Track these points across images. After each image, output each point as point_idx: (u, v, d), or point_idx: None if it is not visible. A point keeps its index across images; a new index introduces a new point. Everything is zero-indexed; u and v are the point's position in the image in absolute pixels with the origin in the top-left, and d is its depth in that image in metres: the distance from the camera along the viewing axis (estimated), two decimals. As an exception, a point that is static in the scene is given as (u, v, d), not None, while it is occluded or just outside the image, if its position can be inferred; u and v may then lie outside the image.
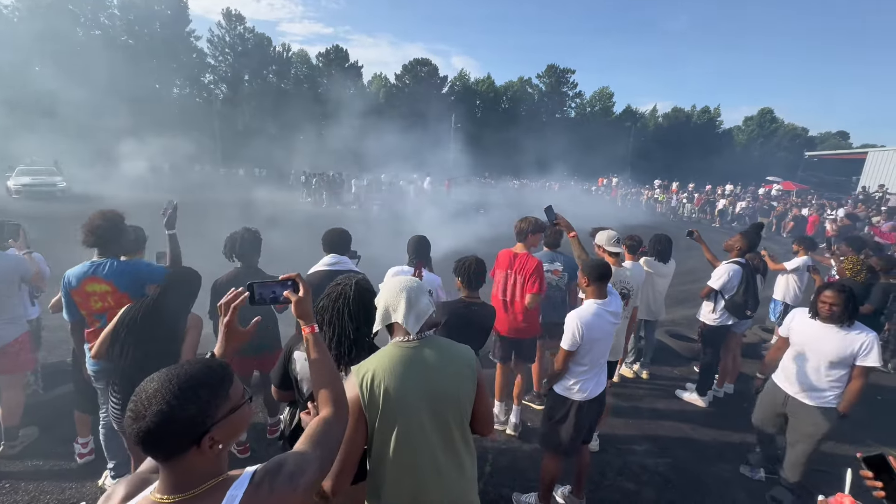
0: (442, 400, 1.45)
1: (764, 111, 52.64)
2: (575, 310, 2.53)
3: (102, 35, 34.21)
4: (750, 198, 22.09)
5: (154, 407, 0.84)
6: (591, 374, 2.53)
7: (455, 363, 1.50)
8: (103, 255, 2.52)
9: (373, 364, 1.43)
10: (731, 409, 4.15)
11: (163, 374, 0.90)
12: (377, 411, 1.38)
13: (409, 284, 1.50)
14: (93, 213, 2.54)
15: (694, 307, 5.03)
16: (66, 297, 2.49)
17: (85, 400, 2.84)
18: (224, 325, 1.25)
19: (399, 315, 1.45)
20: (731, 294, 3.89)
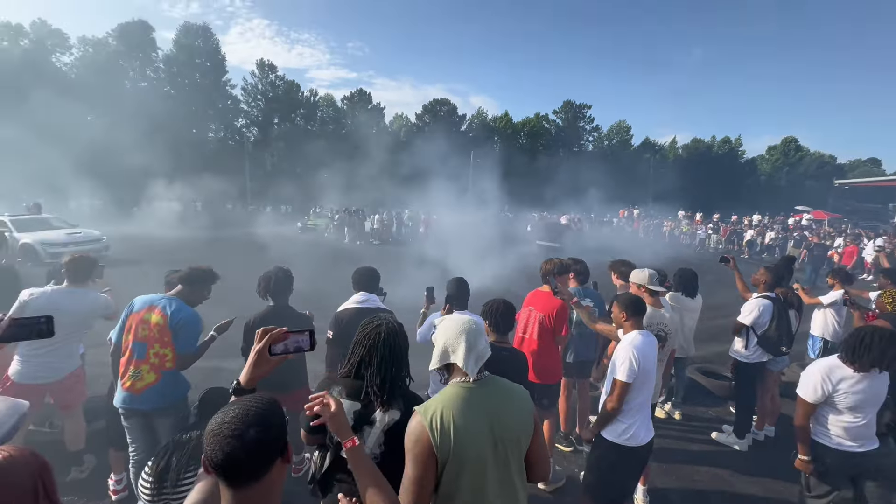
0: (504, 439, 1.47)
1: (788, 140, 51.96)
2: (625, 340, 2.42)
3: (148, 86, 37.21)
4: (779, 228, 21.47)
5: (253, 419, 0.97)
6: (641, 415, 2.40)
7: (515, 403, 1.54)
8: (178, 296, 2.70)
9: (439, 404, 1.45)
10: (773, 454, 3.91)
11: (237, 403, 1.02)
12: (448, 451, 1.39)
13: (468, 326, 1.51)
14: (190, 266, 2.82)
15: (725, 343, 4.86)
16: (124, 319, 2.66)
17: (117, 435, 2.90)
18: (255, 352, 1.32)
19: (459, 357, 1.47)
20: (762, 330, 3.77)
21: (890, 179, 30.34)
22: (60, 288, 3.07)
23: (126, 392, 2.60)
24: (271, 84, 43.75)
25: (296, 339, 1.36)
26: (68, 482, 3.14)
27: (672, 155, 52.31)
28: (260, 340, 1.33)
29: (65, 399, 3.12)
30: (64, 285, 3.08)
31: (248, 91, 43.34)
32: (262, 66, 43.40)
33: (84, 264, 3.12)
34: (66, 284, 3.08)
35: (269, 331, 1.34)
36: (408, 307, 3.71)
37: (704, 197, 29.73)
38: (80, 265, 3.09)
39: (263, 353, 1.32)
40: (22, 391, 2.92)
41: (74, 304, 3.00)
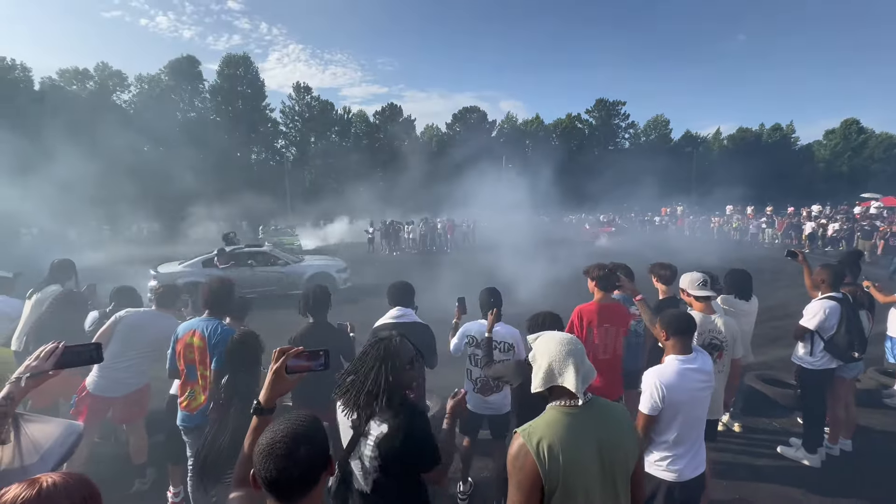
0: (613, 463, 1.40)
1: (848, 122, 47.97)
2: (654, 367, 2.26)
3: (196, 116, 40.00)
4: (843, 218, 19.74)
5: (303, 437, 1.03)
6: (681, 449, 2.17)
7: (621, 424, 1.47)
8: (212, 316, 2.87)
9: (544, 430, 1.38)
10: (850, 471, 3.54)
11: (284, 422, 1.07)
12: (557, 481, 1.33)
13: (574, 346, 1.46)
14: (212, 278, 3.00)
15: (788, 347, 4.49)
16: (173, 345, 2.85)
17: (175, 451, 3.08)
18: (272, 372, 1.35)
19: (569, 379, 1.40)
20: (830, 334, 3.44)
21: (974, 158, 27.19)
22: (149, 310, 3.41)
23: (184, 412, 2.81)
24: (307, 105, 45.82)
25: (311, 359, 1.41)
26: (132, 493, 3.34)
27: (717, 147, 49.66)
28: (276, 360, 1.37)
29: (127, 413, 3.32)
30: (153, 308, 3.42)
31: (287, 113, 45.66)
32: (299, 88, 45.58)
33: (172, 291, 3.49)
34: (154, 308, 3.41)
35: (285, 350, 1.38)
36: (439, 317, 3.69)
37: (756, 189, 27.92)
38: (168, 292, 3.45)
39: (280, 373, 1.36)
40: (95, 402, 3.21)
41: (157, 325, 3.25)
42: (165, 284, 3.56)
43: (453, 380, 4.81)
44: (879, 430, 4.14)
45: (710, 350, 2.91)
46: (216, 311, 2.89)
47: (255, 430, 1.35)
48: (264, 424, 1.33)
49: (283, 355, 1.37)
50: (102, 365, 3.14)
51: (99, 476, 3.40)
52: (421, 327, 2.97)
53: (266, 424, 1.32)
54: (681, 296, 3.23)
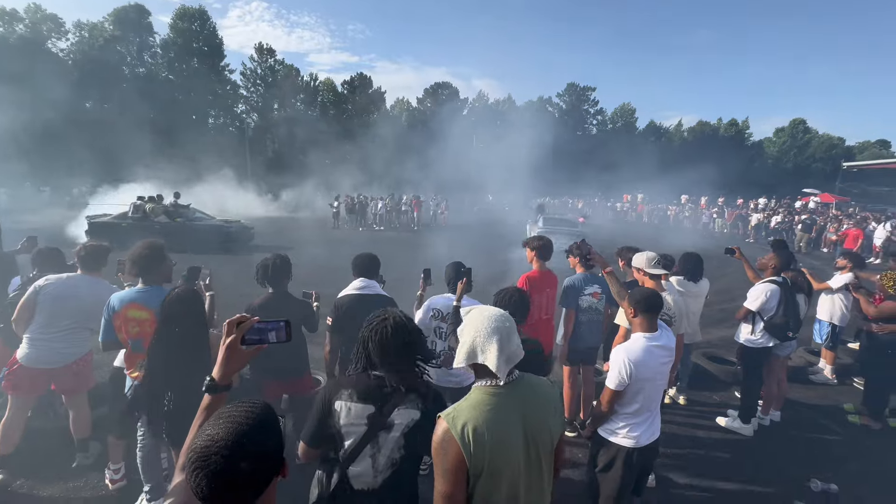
0: (536, 443, 1.40)
1: (796, 121, 50.95)
2: (622, 344, 2.33)
3: (146, 72, 36.78)
4: (785, 211, 21.19)
5: (245, 450, 0.84)
6: (642, 417, 2.27)
7: (546, 401, 1.46)
8: (147, 283, 2.66)
9: (469, 412, 1.34)
10: (779, 438, 3.89)
11: (228, 422, 0.88)
12: (483, 465, 1.30)
13: (500, 323, 1.39)
14: (138, 243, 2.68)
15: (731, 328, 4.82)
16: (108, 319, 2.60)
17: (119, 423, 2.91)
18: (225, 346, 1.21)
19: (490, 359, 1.35)
20: (770, 315, 3.70)
21: (899, 161, 29.79)
22: (75, 274, 3.09)
23: (136, 382, 2.61)
24: (270, 68, 43.12)
25: (269, 329, 1.26)
26: (74, 469, 3.14)
27: (678, 138, 51.52)
28: (229, 333, 1.22)
29: (70, 384, 3.09)
30: (78, 272, 3.10)
31: (248, 76, 42.78)
32: (261, 50, 42.72)
33: (98, 252, 3.12)
34: (79, 272, 3.09)
35: (239, 321, 1.23)
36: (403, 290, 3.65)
37: (711, 180, 29.37)
38: (93, 252, 3.10)
39: (235, 346, 1.21)
40: (28, 374, 2.96)
41: (90, 291, 2.98)
42: (91, 244, 3.16)
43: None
44: (804, 402, 4.56)
45: None
46: (150, 278, 2.67)
47: (207, 409, 1.21)
48: (218, 404, 1.20)
49: (238, 326, 1.23)
50: (32, 335, 2.94)
51: (37, 452, 3.17)
52: (385, 300, 2.91)
53: (220, 404, 1.19)
54: (634, 274, 3.35)
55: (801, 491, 3.15)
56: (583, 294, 3.55)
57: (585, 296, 3.55)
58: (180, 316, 2.27)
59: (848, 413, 4.29)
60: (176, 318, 2.27)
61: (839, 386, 4.94)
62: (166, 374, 2.25)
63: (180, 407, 2.17)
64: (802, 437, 3.94)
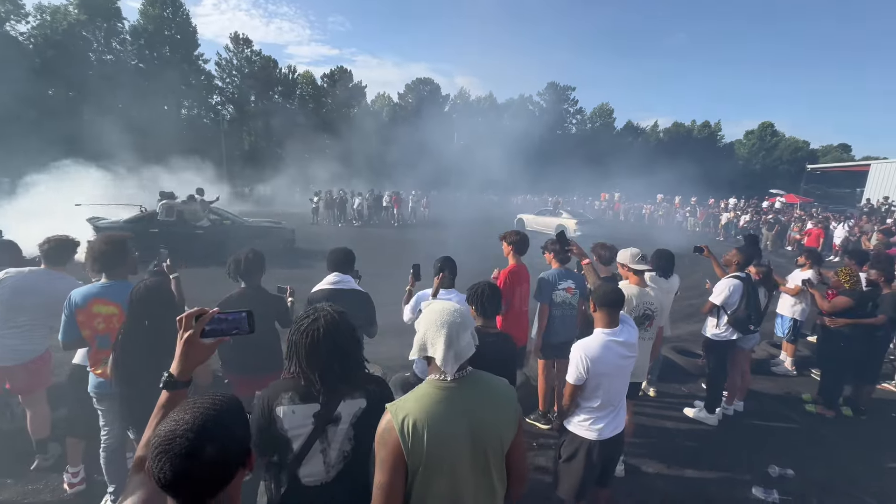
0: (483, 443, 1.37)
1: (764, 125, 52.97)
2: (580, 340, 2.36)
3: (114, 60, 35.22)
4: (753, 211, 22.03)
5: (210, 433, 0.83)
6: (604, 412, 2.32)
7: (498, 402, 1.43)
8: (111, 278, 2.57)
9: (412, 407, 1.33)
10: (741, 427, 4.06)
11: (192, 409, 0.87)
12: (420, 458, 1.29)
13: (451, 318, 1.37)
14: (97, 237, 2.61)
15: (700, 322, 4.99)
16: (70, 316, 2.50)
17: (80, 424, 2.82)
18: (183, 340, 1.16)
19: (437, 353, 1.34)
20: (733, 309, 3.85)
21: (858, 165, 31.29)
22: (37, 269, 2.97)
23: (100, 378, 2.54)
24: (247, 59, 41.98)
25: (230, 321, 1.21)
26: (33, 471, 3.03)
27: (654, 139, 52.79)
28: (187, 327, 1.17)
29: (25, 383, 2.97)
30: (41, 267, 2.99)
31: (223, 66, 41.52)
32: (237, 39, 41.54)
33: (63, 246, 3.00)
34: (43, 266, 2.98)
35: (197, 314, 1.18)
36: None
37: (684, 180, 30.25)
38: (58, 247, 2.98)
39: (193, 340, 1.16)
40: None
41: (50, 286, 2.85)
42: (55, 238, 3.04)
43: (396, 351, 4.83)
44: (766, 393, 4.77)
45: (643, 319, 3.16)
46: (114, 273, 2.59)
47: (165, 406, 1.17)
48: (176, 401, 1.15)
49: (195, 319, 1.17)
50: None
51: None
52: (360, 295, 2.90)
53: (179, 400, 1.14)
54: (618, 270, 3.45)
55: (760, 476, 3.32)
56: (557, 289, 3.62)
57: (559, 290, 3.62)
58: (151, 308, 2.21)
59: (805, 403, 4.52)
60: (146, 311, 2.21)
61: (798, 377, 5.19)
62: (137, 369, 2.19)
63: (151, 403, 2.11)
64: (763, 425, 4.13)
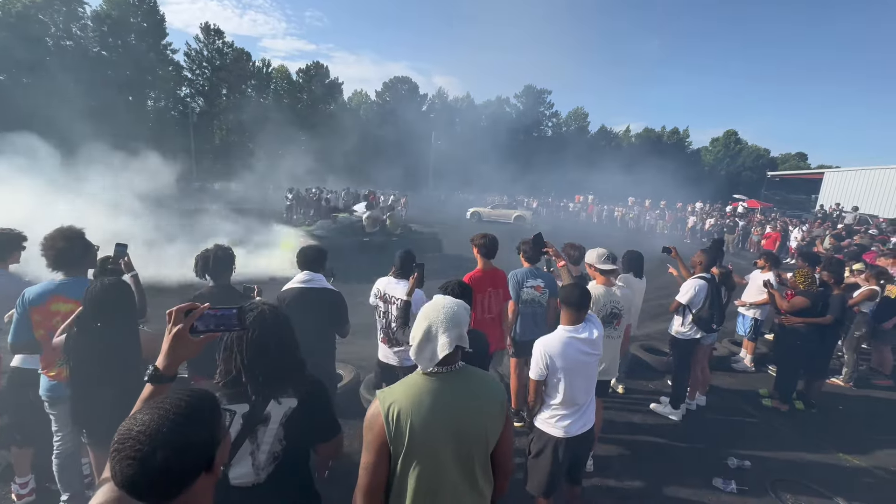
0: (467, 437, 1.40)
1: (729, 133, 55.42)
2: (542, 337, 2.41)
3: (74, 46, 33.38)
4: (718, 215, 23.03)
5: (163, 438, 0.80)
6: (569, 410, 2.35)
7: (484, 399, 1.45)
8: (70, 275, 2.44)
9: (399, 395, 1.38)
10: (703, 421, 4.24)
11: (155, 408, 0.84)
12: (402, 445, 1.34)
13: (435, 315, 1.39)
14: (52, 232, 2.44)
15: (667, 321, 5.16)
16: (23, 315, 2.35)
17: (23, 431, 2.66)
18: (171, 334, 1.16)
19: (413, 346, 1.40)
20: (697, 308, 4.02)
21: (813, 173, 33.27)
22: None
23: (53, 381, 2.41)
24: (218, 51, 40.63)
25: (221, 317, 1.20)
26: (-24, 481, 2.85)
27: (626, 143, 54.32)
28: (177, 321, 1.16)
29: None
30: None
31: (192, 57, 40.03)
32: (208, 30, 40.13)
33: (6, 240, 2.81)
34: None
35: (187, 309, 1.18)
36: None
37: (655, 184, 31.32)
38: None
39: (183, 335, 1.16)
40: None
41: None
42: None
43: (369, 351, 4.79)
44: (727, 388, 4.99)
45: (611, 318, 3.23)
46: (74, 270, 2.48)
47: (146, 401, 1.14)
48: (160, 395, 1.12)
49: (185, 314, 1.17)
50: None
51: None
52: (332, 294, 2.86)
53: (162, 394, 1.12)
54: (586, 269, 3.52)
55: (720, 468, 3.47)
56: (524, 286, 3.67)
57: (527, 288, 3.67)
58: (105, 308, 2.11)
59: (762, 397, 4.75)
60: (100, 312, 2.10)
61: (757, 373, 5.45)
62: (88, 369, 2.09)
63: (105, 405, 2.02)
64: (723, 419, 4.32)
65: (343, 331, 2.95)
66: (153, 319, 3.06)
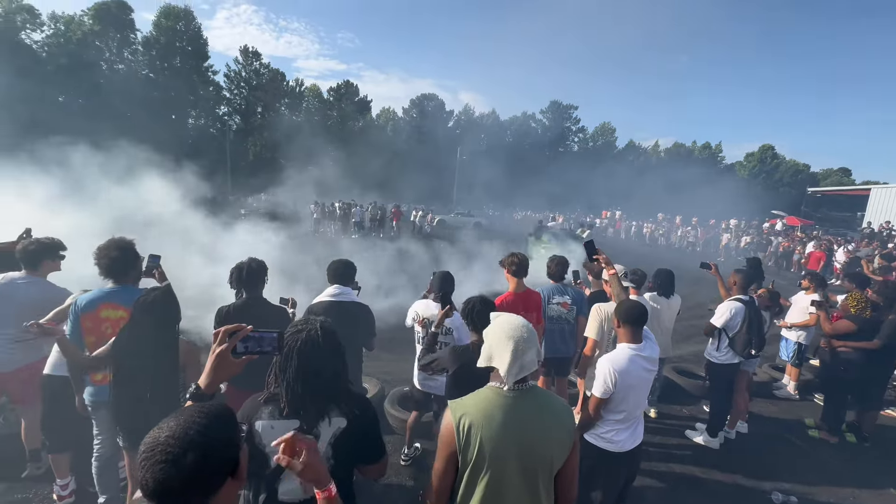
0: (533, 455, 1.41)
1: (765, 147, 53.43)
2: (607, 354, 2.39)
3: (125, 69, 35.87)
4: (754, 232, 22.10)
5: (191, 440, 0.82)
6: (626, 424, 2.37)
7: (553, 421, 1.46)
8: (119, 283, 2.56)
9: (471, 407, 1.42)
10: (744, 451, 3.99)
11: (178, 416, 0.87)
12: (471, 457, 1.38)
13: (519, 334, 1.45)
14: (105, 242, 2.57)
15: (702, 343, 4.95)
16: (75, 321, 2.47)
17: (60, 436, 2.77)
18: (215, 354, 1.20)
19: (503, 364, 1.41)
20: (734, 332, 3.82)
21: (858, 189, 31.48)
22: (14, 275, 2.91)
23: (98, 386, 2.49)
24: (255, 72, 42.78)
25: (262, 340, 1.25)
26: (25, 478, 2.98)
27: (655, 158, 53.26)
28: (221, 342, 1.21)
29: (19, 392, 2.93)
30: (21, 272, 2.92)
31: (231, 78, 42.27)
32: (246, 52, 42.39)
33: (41, 248, 2.95)
34: (22, 272, 2.92)
35: (232, 330, 1.22)
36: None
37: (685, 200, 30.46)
38: (36, 250, 2.92)
39: (225, 355, 1.21)
40: None
41: (27, 292, 2.81)
42: (34, 239, 2.99)
43: (395, 366, 4.80)
44: (769, 417, 4.70)
45: None
46: (123, 279, 2.59)
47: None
48: None
49: (229, 335, 1.21)
50: None
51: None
52: (360, 307, 2.90)
53: None
54: (603, 287, 3.43)
55: (763, 502, 3.25)
56: (550, 303, 3.61)
57: (553, 304, 3.62)
58: (157, 315, 2.20)
59: (808, 427, 4.45)
60: (148, 322, 2.19)
61: (801, 401, 5.12)
62: (131, 375, 2.17)
63: (145, 411, 2.09)
64: (766, 450, 4.06)
65: (370, 344, 2.97)
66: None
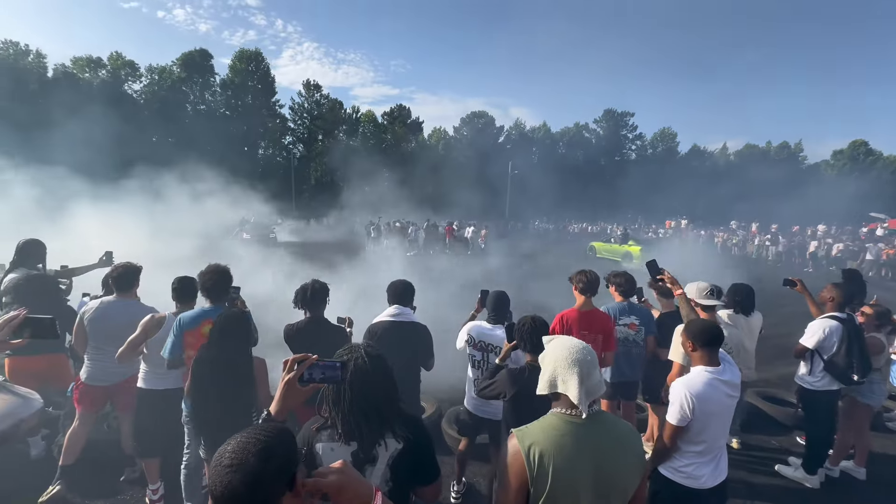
0: (607, 484, 1.36)
1: (856, 143, 47.80)
2: (681, 378, 2.19)
3: (206, 109, 40.26)
4: (848, 238, 19.62)
5: (255, 448, 0.91)
6: (707, 457, 2.14)
7: (624, 448, 1.41)
8: (215, 303, 2.85)
9: (539, 435, 1.37)
10: (849, 492, 3.48)
11: (241, 433, 0.96)
12: (544, 489, 1.33)
13: (580, 356, 1.41)
14: (207, 267, 2.92)
15: (791, 365, 4.44)
16: (178, 337, 2.73)
17: (149, 444, 2.99)
18: (284, 382, 1.27)
19: (571, 389, 1.38)
20: (830, 354, 3.37)
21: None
22: (109, 299, 3.23)
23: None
24: (316, 103, 46.04)
25: (327, 368, 1.31)
26: (123, 481, 3.29)
27: (724, 162, 49.53)
28: (290, 370, 1.28)
29: (127, 401, 3.23)
30: (113, 296, 3.23)
31: (295, 110, 45.84)
32: (309, 86, 45.80)
33: (129, 273, 3.24)
34: (115, 295, 3.22)
35: (300, 359, 1.29)
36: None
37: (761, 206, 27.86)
38: (124, 274, 3.21)
39: (293, 384, 1.28)
40: (88, 391, 3.16)
41: (119, 313, 3.12)
42: (122, 265, 3.21)
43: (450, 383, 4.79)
44: (880, 452, 4.07)
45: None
46: (220, 299, 2.88)
47: None
48: None
49: (297, 364, 1.29)
50: (89, 355, 3.17)
51: (92, 462, 3.35)
52: (419, 327, 2.94)
53: None
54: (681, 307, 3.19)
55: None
56: (617, 324, 3.41)
57: (620, 325, 3.41)
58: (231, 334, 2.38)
59: (934, 468, 3.79)
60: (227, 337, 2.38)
61: (922, 436, 4.39)
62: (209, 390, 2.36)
63: (223, 425, 2.25)
64: (878, 490, 3.51)
65: (428, 364, 2.99)
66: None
